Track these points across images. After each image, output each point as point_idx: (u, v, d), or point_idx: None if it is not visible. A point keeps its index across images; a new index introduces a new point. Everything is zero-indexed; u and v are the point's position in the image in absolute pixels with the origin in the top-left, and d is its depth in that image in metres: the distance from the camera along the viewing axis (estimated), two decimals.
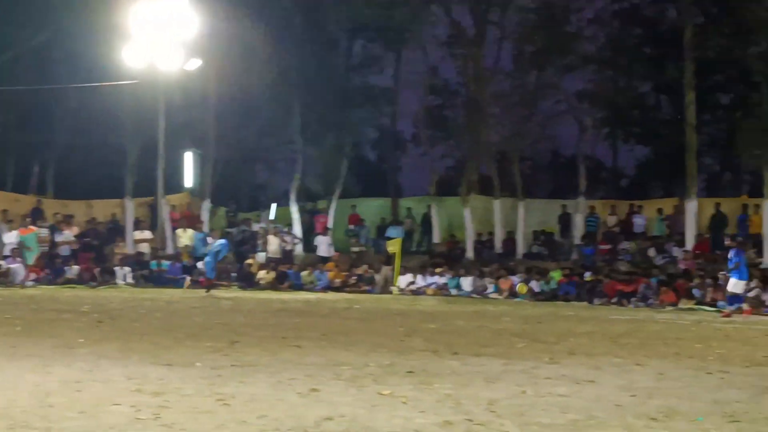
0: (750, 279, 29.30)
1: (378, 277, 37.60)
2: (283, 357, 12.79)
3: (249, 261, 38.40)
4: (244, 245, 40.87)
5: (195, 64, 38.37)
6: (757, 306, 29.49)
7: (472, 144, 42.84)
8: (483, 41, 43.49)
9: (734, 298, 28.10)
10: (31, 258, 34.10)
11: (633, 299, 32.63)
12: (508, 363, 12.65)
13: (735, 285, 27.95)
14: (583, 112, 44.45)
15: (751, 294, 29.95)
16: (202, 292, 31.14)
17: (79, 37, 38.15)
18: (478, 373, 11.45)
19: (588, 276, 35.07)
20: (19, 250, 33.75)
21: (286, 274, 37.45)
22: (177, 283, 35.52)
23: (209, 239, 37.61)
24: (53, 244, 37.28)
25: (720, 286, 31.40)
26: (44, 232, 37.12)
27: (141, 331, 16.29)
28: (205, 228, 39.90)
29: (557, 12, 42.23)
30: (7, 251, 33.95)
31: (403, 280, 37.00)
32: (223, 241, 33.98)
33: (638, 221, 40.04)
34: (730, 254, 28.46)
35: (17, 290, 29.79)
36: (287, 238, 40.63)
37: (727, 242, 30.48)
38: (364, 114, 46.50)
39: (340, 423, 7.96)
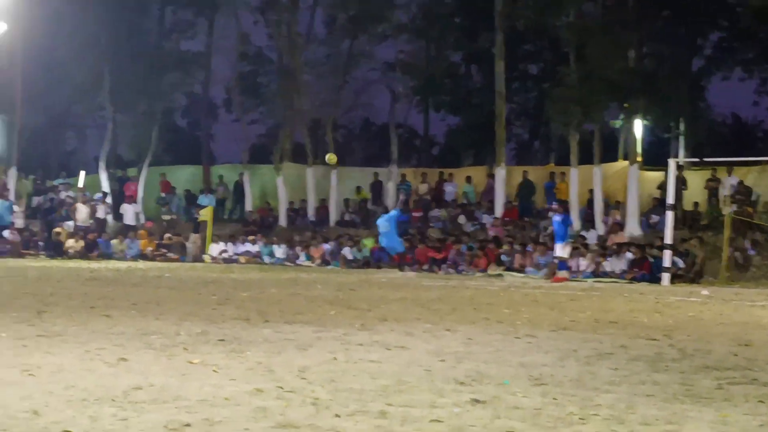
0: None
1: (189, 246, 37.31)
2: (92, 327, 12.54)
3: (57, 230, 37.63)
4: (53, 213, 40.07)
5: (1, 27, 37.32)
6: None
7: (285, 111, 42.76)
8: (296, 7, 43.40)
9: (564, 263, 29.07)
10: None
11: (444, 265, 33.14)
12: (320, 330, 12.67)
13: (562, 249, 28.73)
14: (396, 80, 44.79)
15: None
16: (9, 261, 30.37)
17: None
18: (291, 341, 11.43)
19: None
20: None
21: (95, 242, 36.84)
22: None
23: (15, 208, 36.78)
24: None
25: (528, 252, 32.17)
26: None
27: None
28: (11, 196, 38.96)
29: None
30: None
31: (215, 248, 36.83)
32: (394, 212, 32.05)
33: (449, 189, 40.61)
34: (557, 218, 29.34)
35: None
36: (101, 206, 39.94)
37: (554, 206, 30.90)
38: (176, 80, 45.96)
39: (149, 392, 7.84)
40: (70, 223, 38.59)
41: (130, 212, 40.47)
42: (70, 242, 36.80)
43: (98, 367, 9.26)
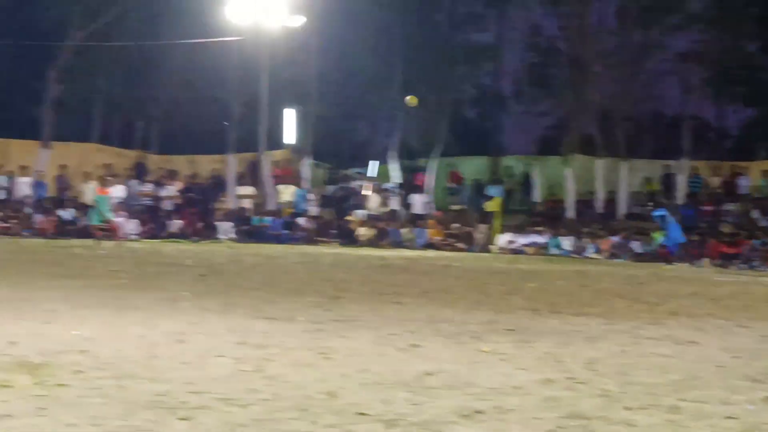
0: None
1: (477, 236, 37.56)
2: (384, 313, 12.84)
3: (349, 218, 38.61)
4: (345, 202, 41.09)
5: (298, 20, 38.51)
6: None
7: (574, 103, 42.43)
8: None
9: None
10: (95, 219, 31.27)
11: (736, 261, 32.24)
12: (609, 323, 12.57)
13: None
14: (688, 72, 43.77)
15: None
16: (304, 248, 31.32)
17: None
18: (579, 333, 11.40)
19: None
20: (124, 204, 34.24)
21: (386, 231, 37.59)
22: (278, 239, 35.84)
23: (309, 196, 37.95)
24: (157, 199, 37.83)
25: None
26: (148, 187, 37.77)
27: (244, 286, 16.47)
28: (306, 184, 40.21)
29: None
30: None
31: (502, 239, 36.93)
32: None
33: (743, 183, 39.44)
34: None
35: (121, 244, 30.19)
36: (394, 197, 40.66)
37: None
38: (466, 71, 46.28)
39: (440, 378, 7.98)
40: (362, 211, 39.52)
41: (419, 202, 41.08)
42: (361, 230, 37.69)
43: (391, 352, 9.48)
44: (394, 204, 41.00)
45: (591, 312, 14.00)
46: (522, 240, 37.01)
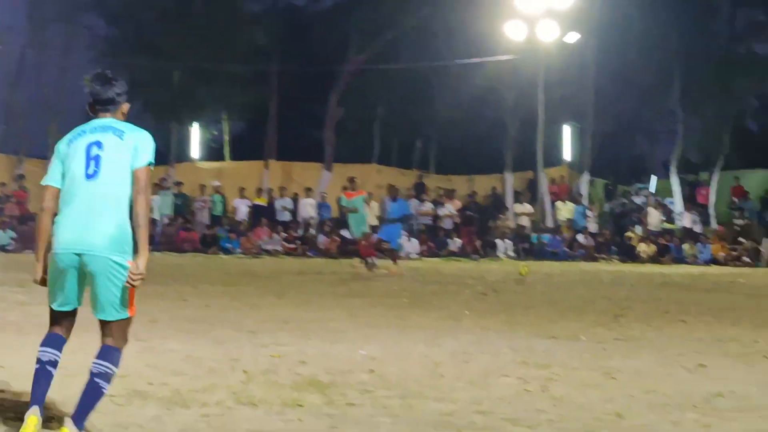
0: None
1: (764, 251, 36.40)
2: (668, 332, 12.63)
3: (629, 234, 38.11)
4: (624, 218, 40.59)
5: (573, 36, 38.34)
6: None
7: None
8: None
9: None
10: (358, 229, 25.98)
11: None
12: None
13: None
14: None
15: None
16: (583, 265, 31.04)
17: (458, 12, 38.89)
18: None
19: None
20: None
21: (667, 247, 36.91)
22: (557, 256, 35.70)
23: (588, 212, 37.68)
24: (436, 218, 38.28)
25: None
26: (428, 206, 38.30)
27: (524, 304, 16.48)
28: (585, 201, 39.95)
29: None
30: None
31: None
32: None
33: None
34: None
35: (402, 263, 30.57)
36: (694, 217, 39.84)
37: None
38: (748, 83, 45.06)
39: (730, 399, 7.80)
40: (642, 227, 38.95)
41: (700, 218, 40.10)
42: (642, 246, 37.12)
43: (677, 372, 9.33)
44: (676, 219, 40.19)
45: None
46: None
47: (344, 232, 32.63)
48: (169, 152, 39.00)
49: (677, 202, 41.44)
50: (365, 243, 25.32)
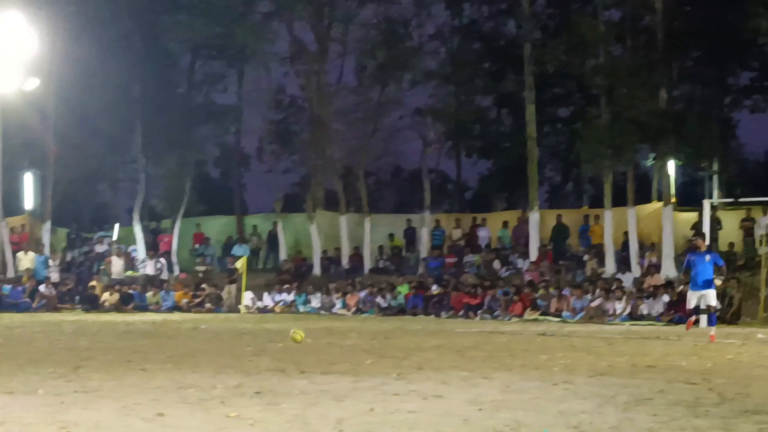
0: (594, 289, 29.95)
1: (224, 296, 37.33)
2: (129, 381, 12.56)
3: (93, 283, 37.78)
4: (87, 266, 40.29)
5: (33, 83, 37.58)
6: (600, 315, 30.19)
7: (316, 160, 42.77)
8: (325, 57, 43.45)
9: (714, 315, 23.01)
10: None
11: (479, 311, 33.01)
12: (356, 380, 12.63)
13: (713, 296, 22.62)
14: (426, 126, 44.71)
15: (594, 304, 30.67)
16: (45, 316, 30.42)
17: None
18: (327, 392, 11.40)
19: (435, 289, 35.32)
20: None
21: (130, 295, 36.95)
22: (18, 308, 34.77)
23: (50, 262, 37.01)
24: None
25: (564, 297, 31.99)
26: None
27: None
28: (46, 251, 39.25)
29: (398, 28, 42.55)
30: None
31: (249, 299, 36.77)
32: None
33: (482, 234, 40.48)
34: (703, 256, 22.43)
35: None
36: (159, 264, 39.90)
37: (697, 241, 23.70)
38: (208, 131, 46.21)
39: None
40: (105, 276, 38.77)
41: (160, 264, 40.42)
42: (105, 295, 36.91)
43: (135, 422, 9.27)
44: (138, 267, 40.32)
45: (339, 370, 14.06)
46: (270, 299, 36.96)
47: None
48: None
49: (140, 250, 41.61)
50: None
